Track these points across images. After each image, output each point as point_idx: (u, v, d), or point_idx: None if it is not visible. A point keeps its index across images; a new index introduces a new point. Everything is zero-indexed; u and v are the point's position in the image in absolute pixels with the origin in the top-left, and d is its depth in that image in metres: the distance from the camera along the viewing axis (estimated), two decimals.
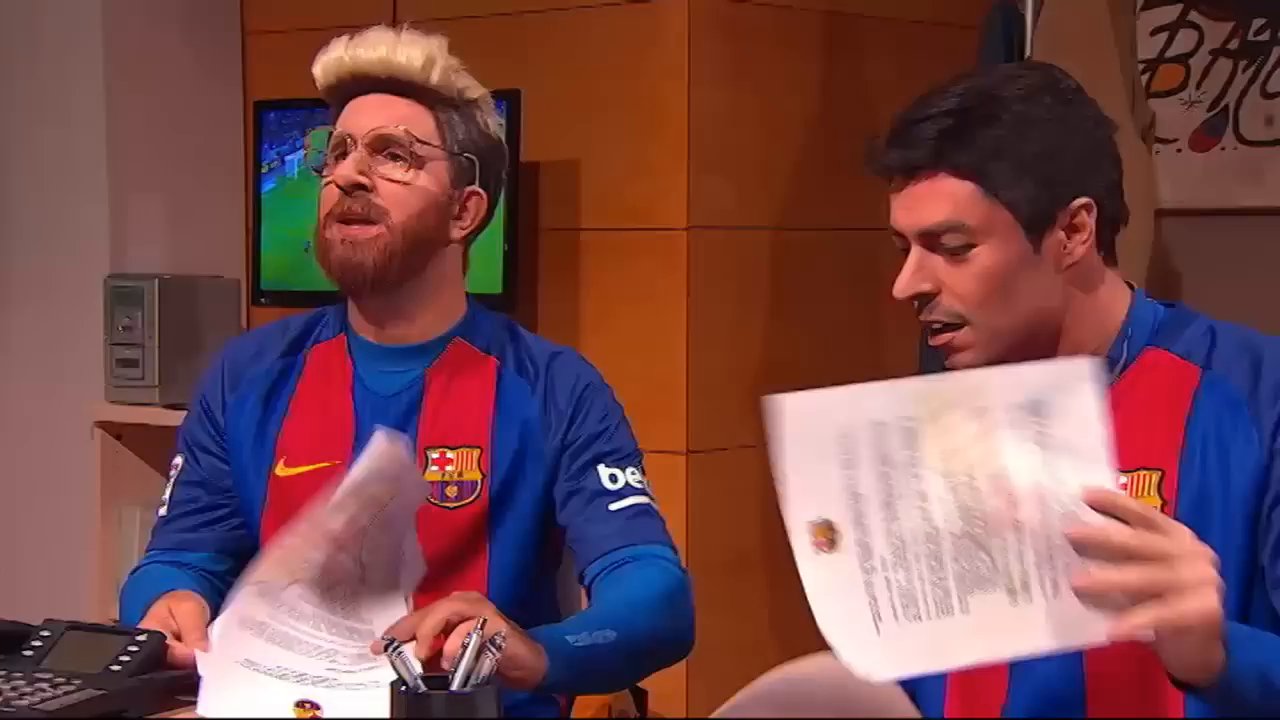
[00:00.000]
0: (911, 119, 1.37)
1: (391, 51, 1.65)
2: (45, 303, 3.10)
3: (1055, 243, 1.37)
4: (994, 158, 1.34)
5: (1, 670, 1.47)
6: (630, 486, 1.68)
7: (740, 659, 2.86)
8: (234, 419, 1.72)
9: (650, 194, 2.74)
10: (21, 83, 3.09)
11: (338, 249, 1.64)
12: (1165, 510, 1.33)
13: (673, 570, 1.67)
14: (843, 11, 2.91)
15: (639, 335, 2.74)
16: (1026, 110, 1.35)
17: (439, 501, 1.65)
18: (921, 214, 1.37)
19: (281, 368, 1.73)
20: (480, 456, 1.66)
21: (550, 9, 2.83)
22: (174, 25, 3.09)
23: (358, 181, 1.63)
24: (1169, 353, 1.40)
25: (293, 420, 1.70)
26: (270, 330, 1.78)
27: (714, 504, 2.75)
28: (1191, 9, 2.96)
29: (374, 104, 1.66)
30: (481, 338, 1.71)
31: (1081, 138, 1.37)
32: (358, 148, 1.65)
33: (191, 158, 3.13)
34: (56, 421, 3.06)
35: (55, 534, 3.05)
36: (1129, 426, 1.35)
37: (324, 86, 1.70)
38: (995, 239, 1.35)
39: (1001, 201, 1.35)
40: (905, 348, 2.83)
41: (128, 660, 1.47)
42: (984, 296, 1.36)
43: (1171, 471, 1.35)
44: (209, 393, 1.75)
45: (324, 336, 1.74)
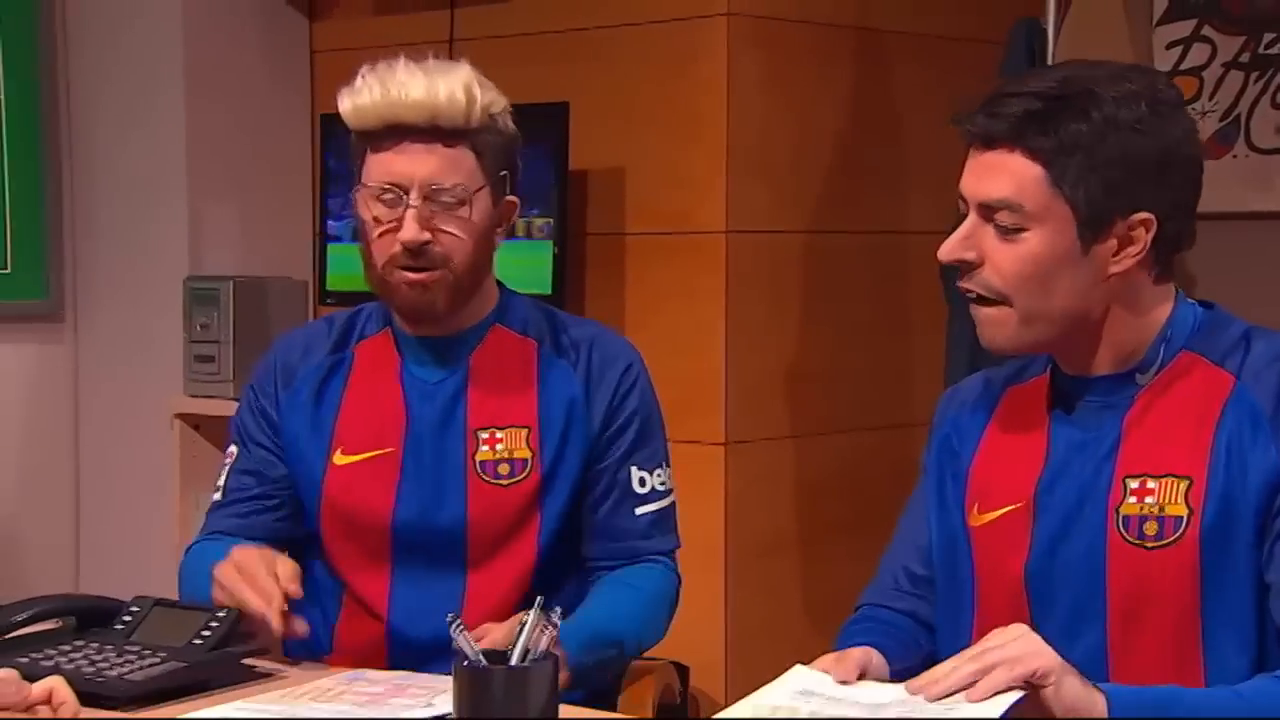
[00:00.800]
0: (1007, 91, 1.31)
1: (432, 99, 1.60)
2: (129, 302, 3.13)
3: (1106, 249, 1.31)
4: (1069, 151, 1.29)
5: (95, 642, 1.51)
6: (655, 491, 1.71)
7: (775, 638, 2.87)
8: (288, 413, 1.72)
9: (691, 200, 2.75)
10: (108, 97, 3.13)
11: (405, 292, 1.65)
12: (1191, 520, 1.29)
13: (670, 575, 1.72)
14: (873, 27, 2.91)
15: (680, 333, 2.75)
16: (1116, 113, 1.29)
17: (492, 479, 1.66)
18: (986, 184, 1.32)
19: (332, 363, 1.73)
20: (529, 435, 1.67)
21: (597, 26, 2.84)
22: (249, 43, 3.13)
23: (424, 241, 1.63)
24: (1204, 358, 1.35)
25: (347, 412, 1.71)
26: (316, 327, 1.78)
27: (750, 492, 2.76)
28: (1205, 24, 2.94)
29: (420, 154, 1.62)
30: (518, 321, 1.72)
31: (1161, 153, 1.30)
32: (412, 199, 1.62)
33: (263, 166, 3.16)
34: (139, 413, 3.10)
35: (139, 517, 3.09)
36: (1159, 430, 1.33)
37: (357, 130, 1.65)
38: (1048, 229, 1.30)
39: (1064, 194, 1.29)
40: (929, 343, 2.83)
41: (209, 635, 1.50)
42: (1022, 280, 1.32)
43: (1199, 481, 1.30)
44: (262, 388, 1.75)
45: (368, 332, 1.75)
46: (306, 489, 1.72)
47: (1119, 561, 1.32)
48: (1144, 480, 1.31)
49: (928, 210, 2.94)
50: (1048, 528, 1.35)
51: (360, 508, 1.68)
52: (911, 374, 2.99)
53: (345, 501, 1.69)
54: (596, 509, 1.70)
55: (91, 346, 3.19)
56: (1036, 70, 1.38)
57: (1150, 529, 1.30)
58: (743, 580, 2.76)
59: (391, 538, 1.67)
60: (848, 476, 2.90)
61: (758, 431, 2.78)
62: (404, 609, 1.66)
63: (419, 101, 1.61)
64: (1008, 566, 1.36)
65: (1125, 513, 1.31)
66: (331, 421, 1.71)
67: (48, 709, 1.26)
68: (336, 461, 1.70)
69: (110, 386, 3.18)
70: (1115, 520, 1.32)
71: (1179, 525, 1.29)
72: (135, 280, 3.12)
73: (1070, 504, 1.35)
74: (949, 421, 1.47)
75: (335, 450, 1.70)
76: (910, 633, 1.47)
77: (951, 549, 1.42)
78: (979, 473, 1.42)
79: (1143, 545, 1.30)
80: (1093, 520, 1.33)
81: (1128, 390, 1.35)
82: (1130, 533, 1.31)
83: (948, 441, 1.46)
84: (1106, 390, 1.36)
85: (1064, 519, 1.35)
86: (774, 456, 2.81)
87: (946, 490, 1.44)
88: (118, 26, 3.11)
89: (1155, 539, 1.30)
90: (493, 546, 1.66)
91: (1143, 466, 1.32)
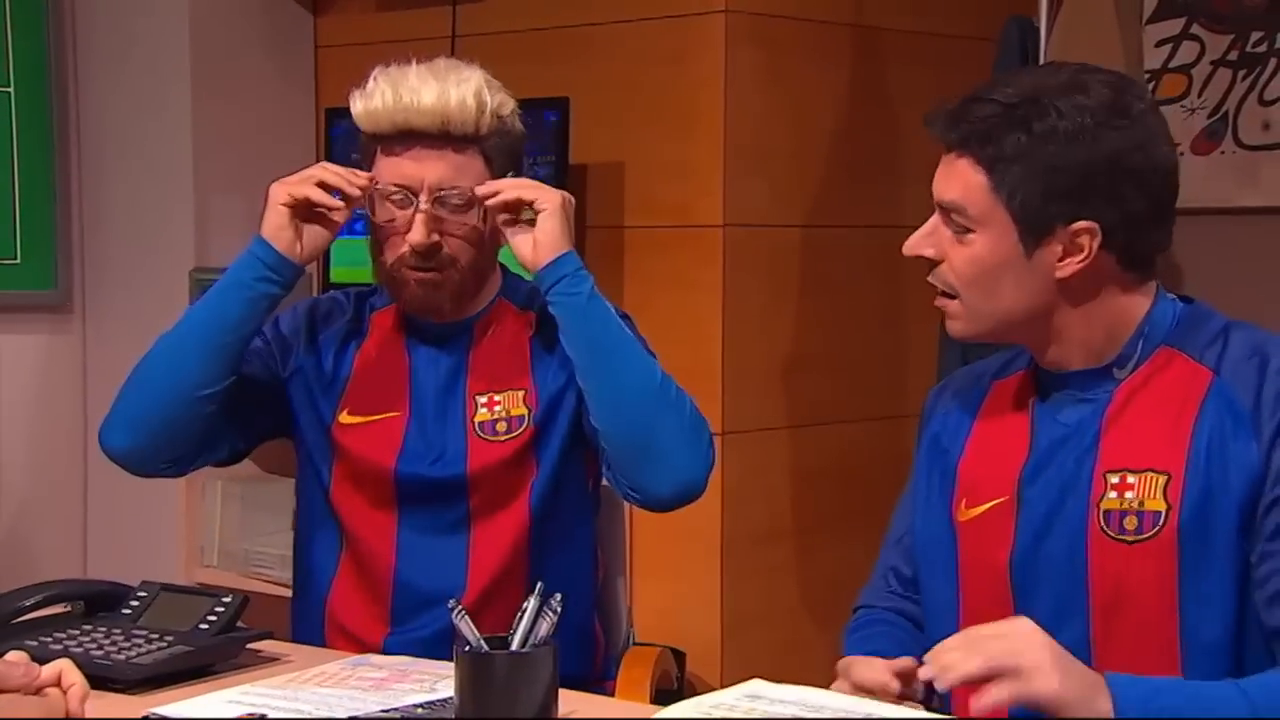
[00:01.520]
0: (973, 97, 1.34)
1: (442, 103, 1.61)
2: (137, 293, 3.13)
3: (1049, 254, 1.32)
4: (1009, 160, 1.31)
5: (103, 627, 1.51)
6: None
7: (771, 625, 2.87)
8: (305, 363, 1.75)
9: (689, 194, 2.75)
10: (117, 90, 3.13)
11: (414, 289, 1.68)
12: (1170, 515, 1.29)
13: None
14: (868, 25, 2.91)
15: (678, 325, 2.75)
16: (1060, 124, 1.29)
17: (491, 436, 1.70)
18: (941, 186, 1.36)
19: (349, 329, 1.77)
20: (525, 395, 1.71)
21: (597, 23, 2.84)
22: (254, 38, 3.12)
23: (432, 244, 1.65)
24: (1182, 354, 1.35)
25: (357, 376, 1.75)
26: (337, 297, 1.82)
27: (747, 481, 2.76)
28: (1194, 22, 2.94)
29: (430, 158, 1.64)
30: (520, 296, 1.76)
31: (1105, 163, 1.30)
32: (421, 202, 1.64)
33: (268, 159, 3.15)
34: None
35: (146, 505, 3.09)
36: (1138, 425, 1.33)
37: (369, 133, 1.66)
38: (990, 233, 1.33)
39: (1003, 201, 1.32)
40: (924, 335, 2.83)
41: (215, 620, 1.50)
42: (970, 280, 1.34)
43: (1178, 476, 1.30)
44: (289, 328, 1.77)
45: (378, 305, 1.79)
46: (315, 439, 1.74)
47: (1100, 556, 1.32)
48: (1124, 475, 1.31)
49: (922, 205, 2.90)
50: (1031, 521, 1.35)
51: (366, 459, 1.72)
52: (906, 366, 2.99)
53: (352, 454, 1.73)
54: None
55: (100, 337, 3.19)
56: (1010, 75, 1.36)
57: (1130, 524, 1.30)
58: (739, 568, 2.76)
59: (396, 489, 1.70)
60: (843, 466, 2.90)
61: (754, 422, 2.78)
62: (409, 559, 1.69)
63: (430, 108, 1.62)
64: (993, 559, 1.36)
65: (1106, 507, 1.32)
66: (344, 383, 1.74)
67: (57, 691, 1.26)
68: (343, 420, 1.73)
69: (119, 376, 3.14)
70: (1096, 515, 1.32)
71: (1158, 520, 1.30)
72: (143, 271, 3.12)
73: (1052, 498, 1.35)
74: (937, 419, 1.47)
75: (343, 410, 1.74)
76: (909, 632, 1.47)
77: (937, 544, 1.42)
78: (966, 468, 1.42)
79: (1122, 540, 1.31)
80: (1074, 514, 1.33)
81: (1106, 385, 1.35)
82: (1111, 527, 1.31)
83: (936, 440, 1.46)
84: (1083, 385, 1.36)
85: (1046, 513, 1.35)
86: (770, 446, 2.81)
87: (935, 486, 1.44)
88: (126, 21, 3.11)
89: (1135, 533, 1.30)
90: (492, 496, 1.69)
91: (1123, 461, 1.32)
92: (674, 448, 1.63)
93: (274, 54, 3.15)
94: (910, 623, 1.48)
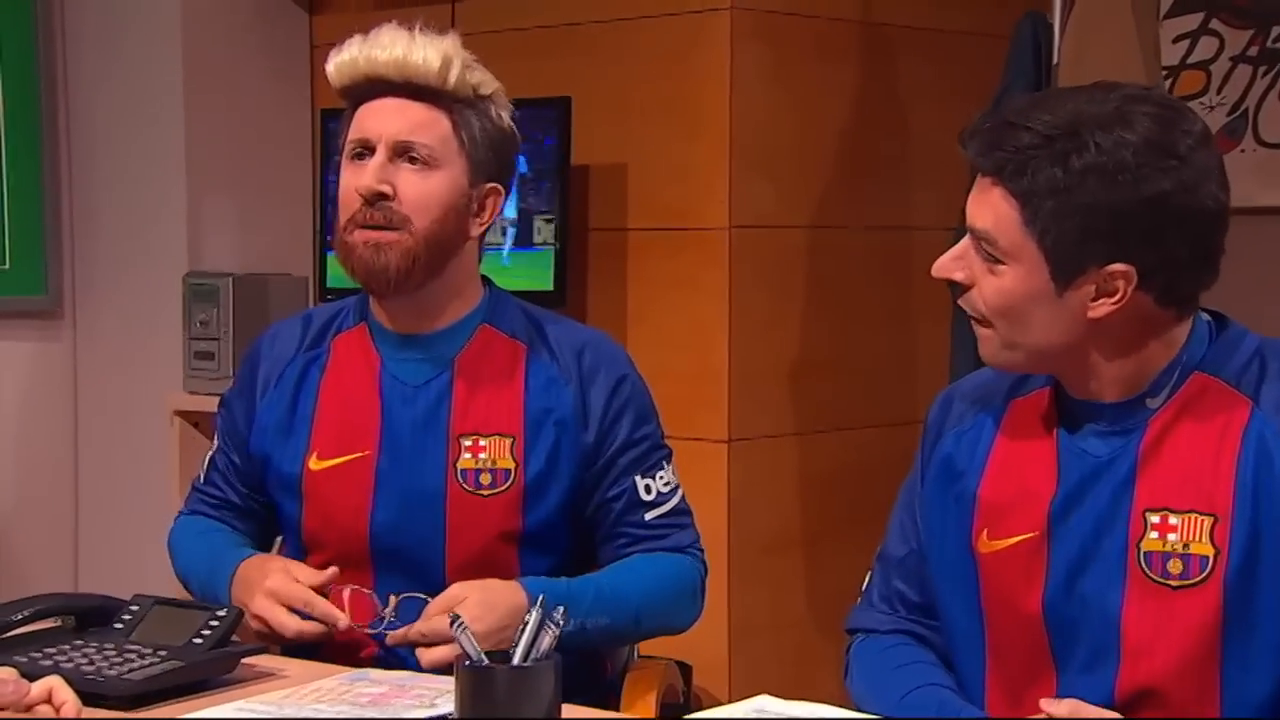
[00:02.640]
0: (1007, 121, 1.29)
1: (407, 54, 1.59)
2: (128, 299, 3.13)
3: (1082, 295, 1.28)
4: (1043, 195, 1.26)
5: (95, 642, 1.50)
6: (662, 494, 1.69)
7: (778, 636, 2.87)
8: (265, 414, 1.70)
9: (693, 195, 2.75)
10: (106, 92, 3.13)
11: (360, 251, 1.60)
12: (1219, 559, 1.26)
13: (692, 563, 1.70)
14: (877, 21, 2.91)
15: (683, 330, 2.75)
16: (1099, 160, 1.25)
17: (472, 489, 1.63)
18: (974, 212, 1.32)
19: (307, 360, 1.70)
20: (514, 445, 1.63)
21: (599, 20, 2.84)
22: (248, 39, 3.12)
23: (379, 191, 1.60)
24: (1217, 380, 1.31)
25: (322, 414, 1.68)
26: (294, 323, 1.75)
27: (754, 489, 2.76)
28: (1213, 18, 2.94)
29: (391, 109, 1.61)
30: (507, 322, 1.68)
31: (1146, 205, 1.25)
32: (377, 154, 1.61)
33: (264, 163, 3.16)
34: (138, 411, 3.10)
35: (138, 515, 3.10)
36: (1177, 460, 1.30)
37: (339, 88, 1.65)
38: (1021, 268, 1.29)
39: (1034, 237, 1.28)
40: (935, 339, 2.83)
41: (209, 634, 1.49)
42: (999, 311, 1.31)
43: (1225, 518, 1.27)
44: (242, 388, 1.73)
45: (345, 326, 1.71)
46: (285, 496, 1.70)
47: (1139, 599, 1.29)
48: (1165, 515, 1.29)
49: (933, 206, 2.93)
50: (1064, 559, 1.32)
51: (338, 515, 1.66)
52: (916, 370, 2.99)
53: (324, 509, 1.67)
54: (607, 524, 1.68)
55: (91, 343, 3.19)
56: (1052, 97, 1.32)
57: (1175, 567, 1.28)
58: (746, 579, 2.76)
59: (370, 546, 1.65)
60: (852, 474, 2.89)
61: (761, 429, 2.77)
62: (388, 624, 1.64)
63: (394, 58, 1.60)
64: (1024, 600, 1.34)
65: (1146, 549, 1.29)
66: (309, 423, 1.68)
67: (48, 708, 1.26)
68: (313, 467, 1.67)
69: (109, 383, 3.18)
70: (1137, 556, 1.29)
71: (1205, 565, 1.27)
72: (134, 276, 3.12)
73: (1086, 535, 1.32)
74: (949, 438, 1.43)
75: (311, 455, 1.68)
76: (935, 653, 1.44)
77: (955, 574, 1.39)
78: (988, 495, 1.38)
79: (1165, 584, 1.28)
80: (1111, 553, 1.31)
81: (1139, 415, 1.32)
82: (1153, 570, 1.29)
83: (949, 461, 1.42)
84: (1116, 417, 1.33)
85: (1081, 551, 1.32)
86: (777, 454, 2.80)
87: (949, 511, 1.41)
88: (116, 21, 3.11)
89: (1180, 578, 1.28)
90: (472, 560, 1.63)
91: (1164, 500, 1.29)
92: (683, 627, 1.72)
93: (269, 53, 3.15)
94: (923, 645, 1.45)
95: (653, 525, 1.69)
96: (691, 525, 1.73)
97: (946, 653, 1.43)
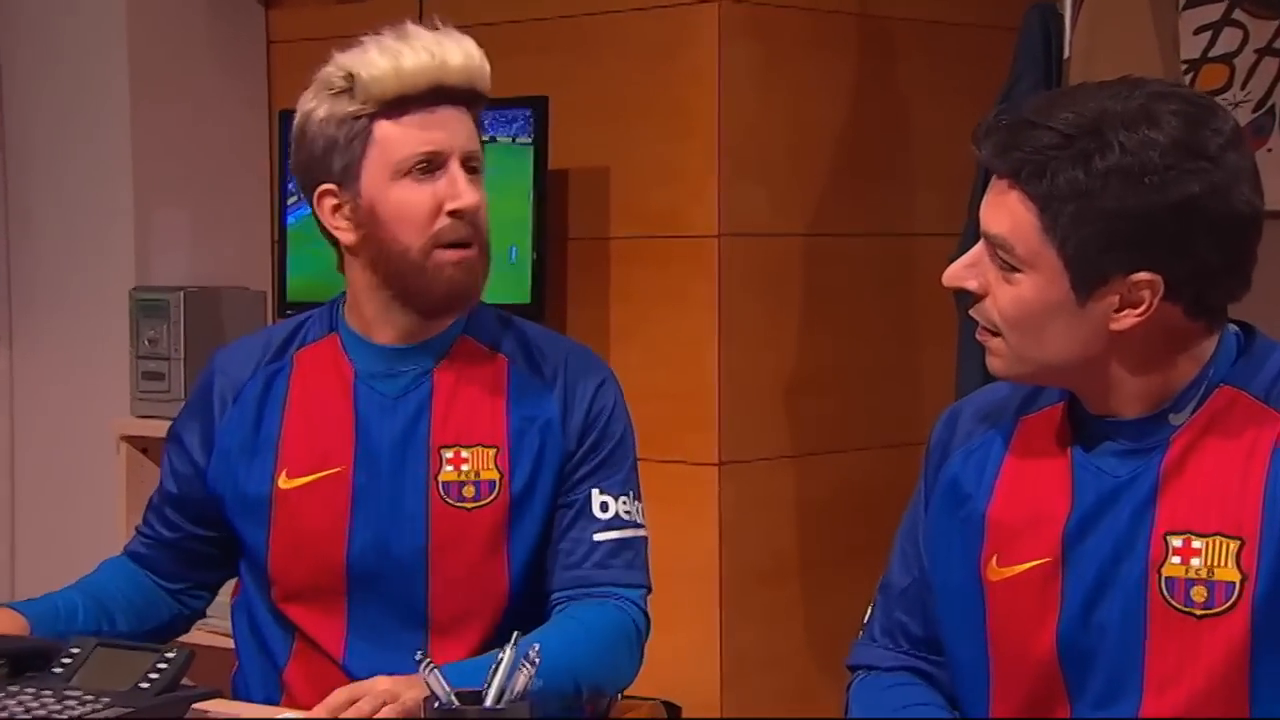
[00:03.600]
0: (1023, 120, 1.28)
1: (469, 59, 1.62)
2: (70, 315, 3.12)
3: (1104, 305, 1.27)
4: (1063, 199, 1.25)
5: (31, 688, 1.48)
6: (619, 518, 1.68)
7: (774, 672, 2.86)
8: (226, 434, 1.70)
9: (680, 200, 2.75)
10: (46, 95, 3.12)
11: (451, 271, 1.62)
12: (1246, 586, 1.26)
13: (626, 613, 1.67)
14: (875, 14, 2.91)
15: (670, 345, 2.74)
16: (1123, 162, 1.24)
17: (456, 502, 1.64)
18: (989, 217, 1.31)
19: (268, 375, 1.70)
20: (497, 455, 1.65)
21: (578, 14, 2.84)
22: (199, 36, 3.12)
23: (481, 207, 1.63)
24: (1245, 394, 1.30)
25: (289, 430, 1.68)
26: (254, 339, 1.76)
27: (747, 515, 2.75)
28: (1236, 7, 2.95)
29: (454, 119, 1.63)
30: (487, 334, 1.70)
31: (1173, 210, 1.24)
32: (452, 167, 1.62)
33: (217, 168, 3.15)
34: (81, 435, 3.08)
35: (80, 548, 3.06)
36: (1201, 480, 1.29)
37: (399, 93, 1.61)
38: (1039, 276, 1.28)
39: (1054, 244, 1.27)
40: (940, 354, 2.82)
41: (156, 678, 1.48)
42: (1014, 322, 1.30)
43: (1252, 541, 1.26)
44: (201, 409, 1.72)
45: (310, 338, 1.71)
46: (248, 522, 1.68)
47: (1161, 628, 1.28)
48: (1188, 539, 1.28)
49: (936, 211, 2.93)
50: (1080, 587, 1.32)
51: (311, 537, 1.66)
52: (920, 388, 2.99)
53: (295, 531, 1.66)
54: (555, 532, 1.68)
55: (30, 364, 3.17)
56: (1073, 94, 1.31)
57: (1199, 595, 1.27)
58: (739, 611, 2.75)
59: (346, 570, 1.65)
60: (852, 498, 2.89)
61: (754, 451, 2.77)
62: (361, 650, 1.64)
63: (461, 65, 1.62)
64: (1037, 629, 1.33)
65: (1168, 574, 1.29)
66: (275, 440, 1.68)
67: None
68: (282, 486, 1.67)
69: (50, 407, 3.16)
70: (1158, 582, 1.29)
71: (1231, 592, 1.27)
72: (77, 292, 3.10)
73: (1104, 560, 1.31)
74: (956, 459, 1.42)
75: (280, 473, 1.67)
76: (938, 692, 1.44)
77: (961, 604, 1.38)
78: (998, 518, 1.37)
79: (1190, 613, 1.28)
80: (1130, 580, 1.30)
81: (1162, 432, 1.32)
82: (1176, 598, 1.28)
83: (956, 483, 1.41)
84: (1136, 434, 1.32)
85: (1098, 577, 1.31)
86: (772, 477, 2.80)
87: (955, 536, 1.40)
88: (56, 16, 3.10)
89: (1204, 606, 1.27)
90: (457, 578, 1.63)
91: (1186, 523, 1.29)
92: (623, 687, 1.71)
93: (221, 50, 3.14)
94: (928, 682, 1.44)
95: (597, 547, 1.66)
96: (643, 568, 1.70)
97: (951, 689, 1.42)
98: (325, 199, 1.65)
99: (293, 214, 2.95)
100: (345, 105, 1.63)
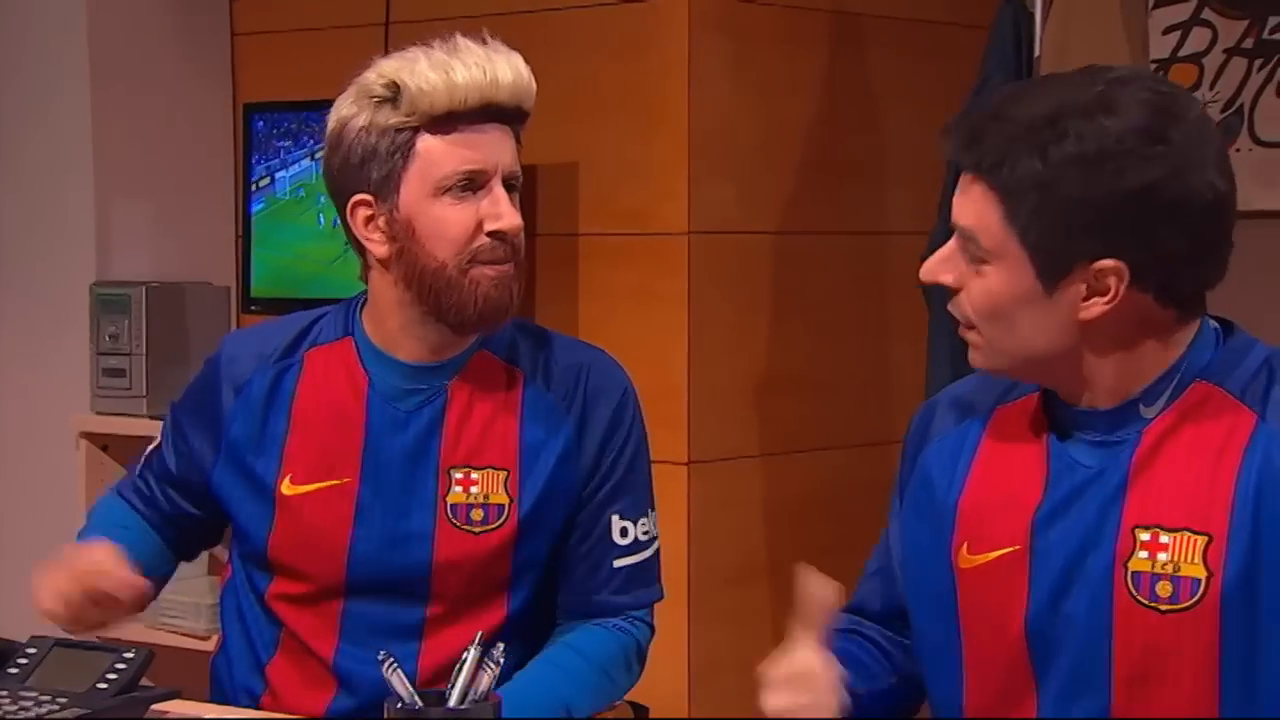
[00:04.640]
0: (987, 114, 1.30)
1: (518, 77, 1.62)
2: (29, 311, 3.10)
3: (1072, 294, 1.29)
4: (1024, 190, 1.27)
5: None
6: (638, 541, 1.70)
7: (743, 674, 2.86)
8: (233, 424, 1.68)
9: (650, 197, 2.75)
10: (4, 85, 3.10)
11: (486, 288, 1.60)
12: (1211, 583, 1.26)
13: (636, 633, 1.70)
14: (847, 10, 2.92)
15: (638, 343, 2.74)
16: (1084, 150, 1.25)
17: (464, 525, 1.62)
18: (958, 210, 1.33)
19: (278, 371, 1.68)
20: (508, 479, 1.63)
21: (546, 8, 2.84)
22: (161, 26, 3.10)
23: (521, 228, 1.64)
24: (1220, 389, 1.31)
25: (297, 433, 1.66)
26: (266, 328, 1.74)
27: (715, 515, 2.76)
28: (1205, 7, 2.97)
29: (498, 138, 1.63)
30: (504, 346, 1.68)
31: (1134, 196, 1.25)
32: (495, 187, 1.62)
33: (180, 161, 3.13)
34: (40, 432, 3.06)
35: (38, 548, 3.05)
36: (1172, 474, 1.30)
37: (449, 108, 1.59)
38: (1005, 267, 1.30)
39: (1017, 234, 1.29)
40: (912, 353, 2.84)
41: (115, 678, 1.48)
42: (985, 314, 1.32)
43: (1220, 537, 1.26)
44: (209, 395, 1.70)
45: (324, 339, 1.69)
46: (250, 519, 1.67)
47: (1127, 622, 1.29)
48: (1156, 533, 1.29)
49: (908, 208, 2.95)
50: (1047, 576, 1.33)
51: (312, 545, 1.64)
52: (891, 386, 3.00)
53: (296, 537, 1.65)
54: (571, 557, 1.67)
55: None
56: (1036, 86, 1.33)
57: (1164, 590, 1.28)
58: (707, 613, 2.75)
59: (345, 580, 1.64)
60: (822, 499, 2.90)
61: (723, 450, 2.77)
62: (351, 653, 1.63)
63: (512, 82, 1.62)
64: (1005, 617, 1.34)
65: (1135, 568, 1.29)
66: (280, 443, 1.66)
67: None
68: (285, 491, 1.65)
69: (7, 404, 3.14)
70: (1124, 575, 1.30)
71: (1196, 588, 1.27)
72: (37, 286, 3.08)
73: (1071, 550, 1.32)
74: (931, 448, 1.44)
75: (284, 478, 1.66)
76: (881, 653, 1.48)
77: (932, 591, 1.40)
78: (968, 508, 1.39)
79: (1155, 608, 1.28)
80: (1096, 572, 1.31)
81: (1134, 424, 1.33)
82: (1141, 592, 1.29)
83: (928, 472, 1.43)
84: (1109, 426, 1.33)
85: (1064, 567, 1.32)
86: (741, 477, 2.80)
87: (926, 524, 1.41)
88: (14, 7, 3.08)
89: (1169, 601, 1.28)
90: (457, 596, 1.63)
91: (1155, 517, 1.30)
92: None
93: (184, 41, 3.13)
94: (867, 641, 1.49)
95: (616, 574, 1.68)
96: (657, 582, 1.73)
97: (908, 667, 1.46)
98: (359, 209, 1.62)
99: (256, 201, 2.94)
100: (388, 115, 1.60)
